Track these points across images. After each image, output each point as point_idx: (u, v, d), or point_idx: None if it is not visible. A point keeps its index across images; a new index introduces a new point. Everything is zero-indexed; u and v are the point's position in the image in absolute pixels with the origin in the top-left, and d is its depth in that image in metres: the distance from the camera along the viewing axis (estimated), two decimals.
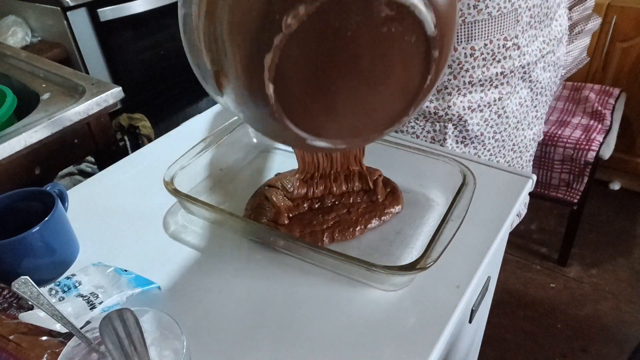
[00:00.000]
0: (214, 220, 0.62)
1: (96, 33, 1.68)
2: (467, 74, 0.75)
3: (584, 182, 1.52)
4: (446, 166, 0.62)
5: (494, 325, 1.52)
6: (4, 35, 1.65)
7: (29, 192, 0.59)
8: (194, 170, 0.66)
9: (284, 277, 0.55)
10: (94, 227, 0.64)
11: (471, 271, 0.54)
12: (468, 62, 0.74)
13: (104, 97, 0.84)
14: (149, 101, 1.88)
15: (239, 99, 0.43)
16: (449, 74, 0.76)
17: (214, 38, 0.40)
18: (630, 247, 1.78)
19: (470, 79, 0.76)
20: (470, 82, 0.76)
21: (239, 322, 0.50)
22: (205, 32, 0.41)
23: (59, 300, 0.50)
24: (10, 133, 0.74)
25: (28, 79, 0.94)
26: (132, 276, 0.53)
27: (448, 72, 0.76)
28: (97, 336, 0.42)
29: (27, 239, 0.53)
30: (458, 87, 0.77)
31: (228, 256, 0.58)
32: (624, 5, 1.67)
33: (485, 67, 0.75)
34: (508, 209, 0.62)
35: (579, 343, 1.47)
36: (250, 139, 0.76)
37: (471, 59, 0.74)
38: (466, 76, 0.76)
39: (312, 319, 0.50)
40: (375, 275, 0.51)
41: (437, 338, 0.47)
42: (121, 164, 0.76)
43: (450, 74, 0.76)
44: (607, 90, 1.71)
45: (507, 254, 1.74)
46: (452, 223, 0.53)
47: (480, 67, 0.75)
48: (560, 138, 1.51)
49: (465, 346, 0.77)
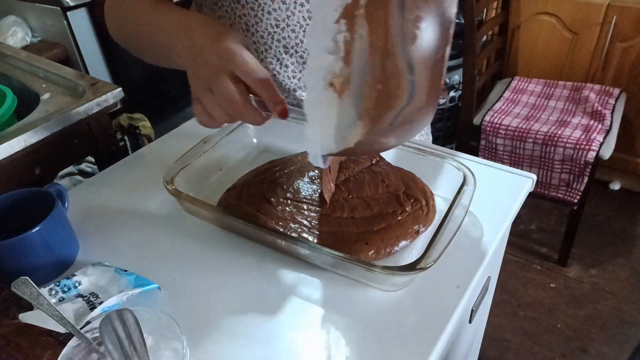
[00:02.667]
0: (213, 220, 0.62)
1: (96, 33, 1.68)
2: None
3: (584, 182, 1.52)
4: (446, 166, 0.62)
5: (494, 325, 1.52)
6: (4, 35, 1.65)
7: (29, 192, 0.59)
8: (194, 170, 0.66)
9: (284, 277, 0.55)
10: (94, 227, 0.64)
11: (471, 271, 0.54)
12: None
13: (104, 97, 0.84)
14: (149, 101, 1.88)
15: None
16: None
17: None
18: (630, 247, 1.78)
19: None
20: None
21: (239, 322, 0.50)
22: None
23: (59, 301, 0.50)
24: (10, 133, 0.74)
25: (28, 79, 0.94)
26: (132, 276, 0.53)
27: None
28: (97, 336, 0.42)
29: (27, 239, 0.53)
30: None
31: (228, 256, 0.58)
32: (624, 5, 1.67)
33: None
34: (508, 209, 0.62)
35: (579, 343, 1.48)
36: (250, 139, 0.76)
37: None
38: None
39: (313, 319, 0.50)
40: (375, 276, 0.51)
41: (437, 338, 0.47)
42: (121, 164, 0.76)
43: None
44: (607, 90, 1.71)
45: (507, 254, 1.74)
46: (452, 223, 0.53)
47: None
48: (560, 138, 1.51)
49: (465, 346, 0.77)
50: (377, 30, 0.41)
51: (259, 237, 0.59)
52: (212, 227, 0.62)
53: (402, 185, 0.63)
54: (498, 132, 1.61)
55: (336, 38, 0.42)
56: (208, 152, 0.68)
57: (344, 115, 0.45)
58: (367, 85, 0.43)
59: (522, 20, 1.89)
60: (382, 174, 0.65)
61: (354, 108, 0.44)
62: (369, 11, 0.41)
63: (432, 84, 0.45)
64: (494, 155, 1.66)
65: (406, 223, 0.58)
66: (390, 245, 0.56)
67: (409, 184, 0.63)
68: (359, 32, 0.41)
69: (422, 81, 0.44)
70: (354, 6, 0.41)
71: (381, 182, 0.64)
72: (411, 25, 0.41)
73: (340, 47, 0.42)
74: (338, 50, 0.42)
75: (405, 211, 0.59)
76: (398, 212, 0.59)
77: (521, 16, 1.88)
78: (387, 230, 0.57)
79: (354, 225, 0.58)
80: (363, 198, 0.62)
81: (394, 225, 0.57)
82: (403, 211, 0.59)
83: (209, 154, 0.68)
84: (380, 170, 0.66)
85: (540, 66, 1.94)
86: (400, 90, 0.43)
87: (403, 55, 0.42)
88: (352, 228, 0.57)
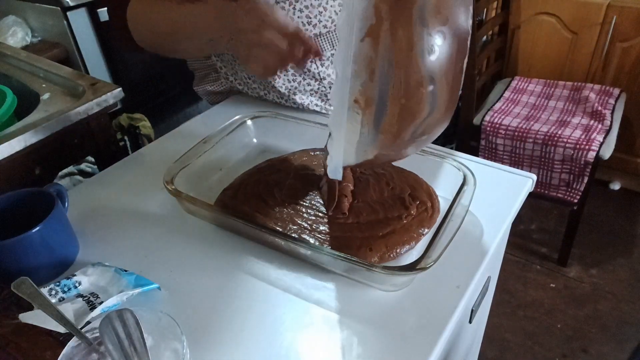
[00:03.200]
0: (213, 220, 0.62)
1: (96, 33, 1.68)
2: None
3: (584, 182, 1.52)
4: (446, 166, 0.62)
5: (494, 325, 1.52)
6: (4, 35, 1.65)
7: (29, 192, 0.59)
8: (194, 170, 0.66)
9: (285, 278, 0.55)
10: (94, 227, 0.64)
11: (471, 271, 0.54)
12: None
13: (104, 97, 0.84)
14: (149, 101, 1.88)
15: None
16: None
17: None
18: (630, 247, 1.78)
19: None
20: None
21: (239, 322, 0.50)
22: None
23: (59, 301, 0.50)
24: (10, 133, 0.74)
25: (28, 79, 0.94)
26: (132, 276, 0.53)
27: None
28: (97, 336, 0.42)
29: (27, 239, 0.53)
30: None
31: (228, 256, 0.58)
32: (624, 5, 1.67)
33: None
34: (508, 209, 0.62)
35: (579, 343, 1.47)
36: (251, 139, 0.76)
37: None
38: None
39: (313, 320, 0.50)
40: (375, 276, 0.51)
41: (437, 338, 0.47)
42: (121, 164, 0.76)
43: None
44: (607, 90, 1.71)
45: (507, 254, 1.74)
46: (452, 223, 0.53)
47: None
48: (560, 138, 1.51)
49: (465, 346, 0.77)
50: (400, 47, 0.42)
51: (258, 237, 0.59)
52: (212, 227, 0.62)
53: (407, 187, 0.63)
54: (498, 132, 1.61)
55: (361, 56, 0.43)
56: (208, 152, 0.68)
57: (367, 130, 0.46)
58: (391, 101, 0.44)
59: (522, 20, 1.89)
60: (387, 176, 0.65)
61: (377, 123, 0.45)
62: (393, 29, 0.42)
63: (452, 96, 0.47)
64: (494, 155, 1.66)
65: (411, 227, 0.57)
66: (394, 252, 0.55)
67: (414, 185, 0.63)
68: (383, 49, 0.42)
69: (443, 94, 0.45)
70: (378, 25, 0.42)
71: (386, 185, 0.63)
72: (433, 40, 0.42)
73: (366, 65, 0.43)
74: (363, 69, 0.43)
75: (411, 214, 0.59)
76: (403, 215, 0.58)
77: (521, 16, 1.88)
78: (392, 236, 0.56)
79: (358, 230, 0.57)
80: (368, 202, 0.61)
81: (399, 230, 0.57)
82: (408, 214, 0.59)
83: (209, 154, 0.68)
84: (384, 172, 0.66)
85: (540, 66, 1.94)
86: (423, 105, 0.44)
87: (425, 69, 0.43)
88: (357, 233, 0.57)
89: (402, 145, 0.48)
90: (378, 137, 0.46)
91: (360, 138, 0.47)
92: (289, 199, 0.63)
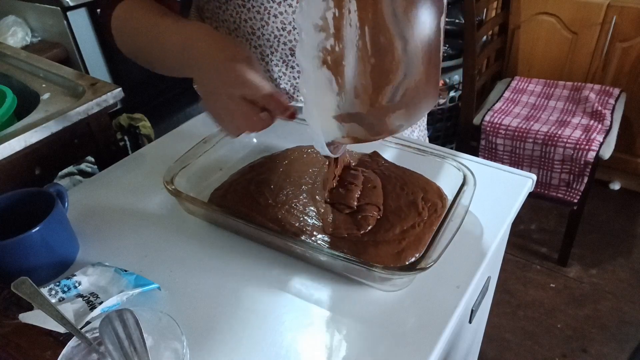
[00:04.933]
0: (213, 220, 0.62)
1: (96, 33, 1.68)
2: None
3: (584, 182, 1.52)
4: (446, 166, 0.62)
5: (494, 325, 1.52)
6: (4, 35, 1.65)
7: (29, 192, 0.59)
8: (194, 170, 0.66)
9: (285, 278, 0.55)
10: (94, 227, 0.64)
11: (471, 271, 0.54)
12: None
13: (104, 97, 0.84)
14: (149, 101, 1.88)
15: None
16: None
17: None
18: (630, 247, 1.78)
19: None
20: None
21: (239, 322, 0.50)
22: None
23: (59, 301, 0.50)
24: (10, 133, 0.74)
25: (28, 79, 0.94)
26: (132, 276, 0.53)
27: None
28: (97, 336, 0.42)
29: (27, 239, 0.53)
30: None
31: (228, 256, 0.58)
32: (624, 5, 1.67)
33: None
34: (508, 209, 0.62)
35: (579, 343, 1.47)
36: (250, 139, 0.76)
37: None
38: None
39: (313, 320, 0.50)
40: (375, 276, 0.51)
41: (437, 338, 0.47)
42: (121, 164, 0.76)
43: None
44: (607, 90, 1.71)
45: (507, 254, 1.74)
46: (452, 223, 0.53)
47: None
48: (560, 138, 1.51)
49: (465, 346, 0.77)
50: (365, 3, 0.40)
51: (258, 237, 0.58)
52: (212, 227, 0.62)
53: (419, 190, 0.62)
54: (498, 132, 1.61)
55: (325, 15, 0.41)
56: (208, 152, 0.68)
57: (341, 94, 0.44)
58: (361, 60, 0.42)
59: (522, 20, 1.89)
60: (397, 179, 0.64)
61: (350, 86, 0.43)
62: None
63: (429, 56, 0.44)
64: (494, 155, 1.66)
65: (424, 236, 0.56)
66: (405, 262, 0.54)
67: (425, 187, 0.62)
68: (348, 7, 0.41)
69: (417, 53, 0.43)
70: None
71: (401, 190, 0.62)
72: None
73: (330, 24, 0.41)
74: (328, 27, 0.42)
75: (423, 220, 0.58)
76: (417, 223, 0.57)
77: (521, 16, 1.88)
78: (405, 251, 0.54)
79: (372, 247, 0.55)
80: (387, 216, 0.59)
81: (414, 242, 0.55)
82: (422, 221, 0.58)
83: (209, 154, 0.68)
84: (391, 175, 0.65)
85: (540, 66, 1.94)
86: (395, 64, 0.42)
87: (394, 27, 0.41)
88: (371, 249, 0.55)
89: (383, 112, 0.45)
90: (354, 102, 0.44)
91: (336, 105, 0.45)
92: (284, 199, 0.62)
